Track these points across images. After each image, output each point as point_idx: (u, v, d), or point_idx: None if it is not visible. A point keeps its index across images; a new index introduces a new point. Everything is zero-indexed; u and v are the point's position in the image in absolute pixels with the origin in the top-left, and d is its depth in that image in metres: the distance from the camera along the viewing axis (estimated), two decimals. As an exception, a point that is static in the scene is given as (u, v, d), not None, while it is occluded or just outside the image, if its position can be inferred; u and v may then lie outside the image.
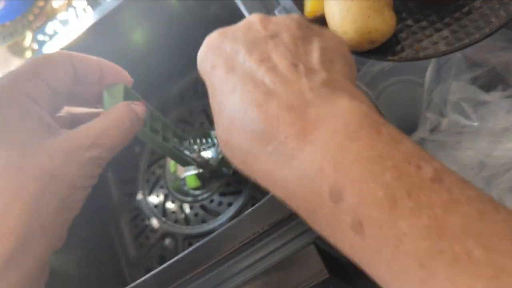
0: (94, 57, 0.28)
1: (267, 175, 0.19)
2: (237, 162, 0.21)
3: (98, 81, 0.28)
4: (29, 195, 0.21)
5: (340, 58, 0.23)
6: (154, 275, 0.28)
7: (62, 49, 0.41)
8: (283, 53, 0.21)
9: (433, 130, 0.39)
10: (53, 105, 0.26)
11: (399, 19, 0.36)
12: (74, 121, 0.28)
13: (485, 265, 0.14)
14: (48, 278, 0.25)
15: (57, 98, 0.26)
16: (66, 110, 0.29)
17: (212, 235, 0.28)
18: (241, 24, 0.24)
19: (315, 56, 0.21)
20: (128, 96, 0.29)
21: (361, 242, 0.16)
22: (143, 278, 0.28)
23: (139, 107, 0.27)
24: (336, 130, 0.17)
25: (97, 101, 0.29)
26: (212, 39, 0.24)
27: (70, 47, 0.41)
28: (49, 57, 0.26)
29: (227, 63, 0.21)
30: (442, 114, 0.39)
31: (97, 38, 0.42)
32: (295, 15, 0.25)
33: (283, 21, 0.23)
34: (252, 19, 0.24)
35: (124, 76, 0.30)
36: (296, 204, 0.19)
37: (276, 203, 0.27)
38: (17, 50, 0.72)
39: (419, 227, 0.15)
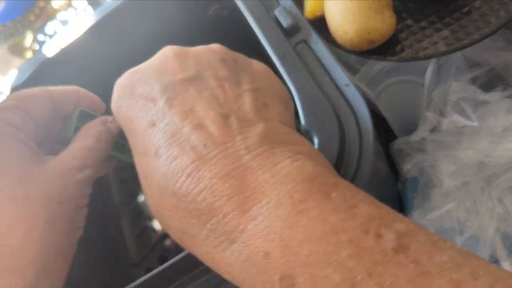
0: (71, 88, 0.28)
1: (208, 258, 0.17)
2: (175, 238, 0.18)
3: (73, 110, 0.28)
4: (43, 222, 0.21)
5: (274, 98, 0.20)
6: (154, 275, 0.28)
7: (62, 49, 0.41)
8: (208, 102, 0.18)
9: (433, 130, 0.39)
10: (35, 136, 0.25)
11: (399, 19, 0.36)
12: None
13: None
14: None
15: (39, 131, 0.26)
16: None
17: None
18: (154, 61, 0.21)
19: (247, 101, 0.18)
20: (85, 118, 0.28)
21: None
22: (143, 278, 0.28)
23: (109, 124, 0.27)
24: (280, 202, 0.15)
25: None
26: (123, 84, 0.21)
27: (70, 47, 0.41)
28: (30, 92, 0.26)
29: (144, 116, 0.18)
30: (442, 114, 0.39)
31: (97, 38, 0.42)
32: (217, 46, 0.22)
33: (203, 56, 0.20)
34: (166, 54, 0.21)
35: (98, 103, 0.30)
36: None
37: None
38: (18, 50, 0.72)
39: None
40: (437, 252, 0.14)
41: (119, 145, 0.28)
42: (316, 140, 0.27)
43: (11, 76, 0.41)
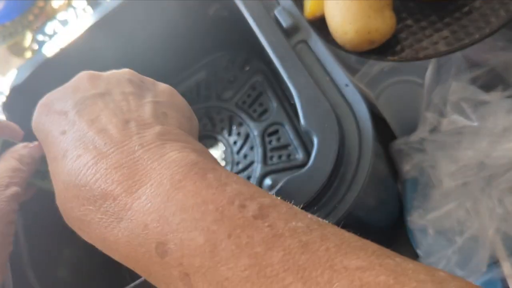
0: None
1: (101, 239, 0.19)
2: (74, 228, 0.20)
3: None
4: None
5: (174, 110, 0.23)
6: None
7: (62, 49, 0.41)
8: (112, 111, 0.20)
9: (433, 130, 0.39)
10: None
11: (399, 19, 0.36)
12: None
13: None
14: (48, 278, 0.26)
15: None
16: None
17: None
18: (70, 83, 0.23)
19: (147, 110, 0.21)
20: (8, 147, 0.29)
21: None
22: (143, 278, 0.28)
23: (30, 149, 0.28)
24: (161, 182, 0.17)
25: None
26: (42, 103, 0.23)
27: (70, 47, 0.41)
28: None
29: (57, 126, 0.21)
30: (442, 114, 0.39)
31: (97, 38, 0.42)
32: (127, 70, 0.24)
33: (114, 77, 0.23)
34: (81, 77, 0.23)
35: (18, 132, 0.31)
36: (132, 265, 0.18)
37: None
38: (17, 50, 0.72)
39: (240, 269, 0.14)
40: (294, 220, 0.16)
41: (40, 173, 0.29)
42: (315, 140, 0.27)
43: (11, 76, 0.41)
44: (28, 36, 0.72)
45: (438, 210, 0.38)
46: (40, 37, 0.49)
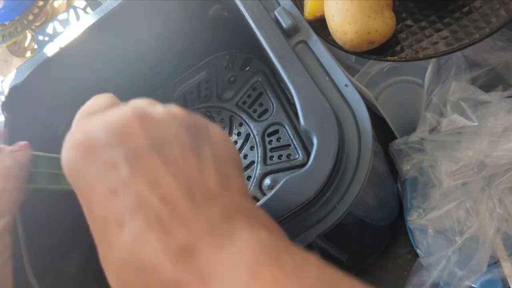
0: None
1: None
2: None
3: None
4: None
5: (233, 166, 0.21)
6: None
7: (62, 49, 0.41)
8: (173, 173, 0.18)
9: (433, 130, 0.39)
10: None
11: (399, 19, 0.36)
12: None
13: None
14: (47, 278, 0.25)
15: None
16: None
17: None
18: (114, 124, 0.19)
19: (211, 175, 0.19)
20: None
21: None
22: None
23: (16, 154, 0.25)
24: (237, 271, 0.16)
25: None
26: (80, 142, 0.19)
27: (70, 47, 0.41)
28: None
29: (106, 182, 0.18)
30: (442, 114, 0.39)
31: (96, 38, 0.42)
32: (178, 111, 0.21)
33: (168, 122, 0.20)
34: (129, 118, 0.19)
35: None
36: None
37: (273, 206, 0.27)
38: (17, 49, 0.72)
39: None
40: None
41: (31, 175, 0.25)
42: (315, 140, 0.27)
43: (10, 76, 0.41)
44: (28, 36, 0.72)
45: (438, 210, 0.38)
46: (40, 37, 0.49)
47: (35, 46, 0.67)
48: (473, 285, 0.35)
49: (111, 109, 0.20)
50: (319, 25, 0.37)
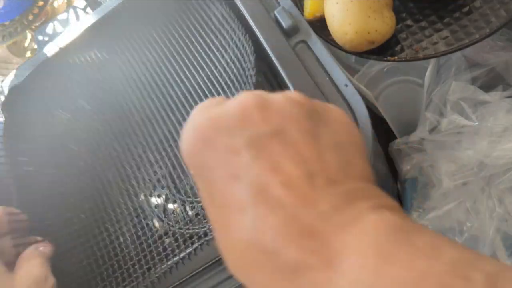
0: None
1: None
2: None
3: None
4: None
5: (354, 151, 0.20)
6: (154, 275, 0.28)
7: (62, 49, 0.41)
8: (293, 158, 0.18)
9: (433, 130, 0.39)
10: None
11: (399, 19, 0.36)
12: None
13: None
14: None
15: None
16: None
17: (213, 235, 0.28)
18: (235, 111, 0.20)
19: (331, 160, 0.18)
20: None
21: None
22: (143, 278, 0.28)
23: (43, 249, 0.30)
24: (365, 253, 0.15)
25: None
26: (202, 130, 0.20)
27: (70, 47, 0.41)
28: None
29: (227, 167, 0.18)
30: (442, 114, 0.39)
31: (97, 38, 0.42)
32: (298, 97, 0.20)
33: (286, 108, 0.20)
34: (248, 105, 0.19)
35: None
36: None
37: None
38: (17, 50, 0.72)
39: None
40: None
41: None
42: (315, 141, 0.27)
43: (10, 76, 0.41)
44: (28, 36, 0.72)
45: (438, 210, 0.38)
46: (40, 37, 0.49)
47: (35, 46, 0.67)
48: (473, 285, 0.35)
49: (229, 101, 0.20)
50: (319, 25, 0.37)
